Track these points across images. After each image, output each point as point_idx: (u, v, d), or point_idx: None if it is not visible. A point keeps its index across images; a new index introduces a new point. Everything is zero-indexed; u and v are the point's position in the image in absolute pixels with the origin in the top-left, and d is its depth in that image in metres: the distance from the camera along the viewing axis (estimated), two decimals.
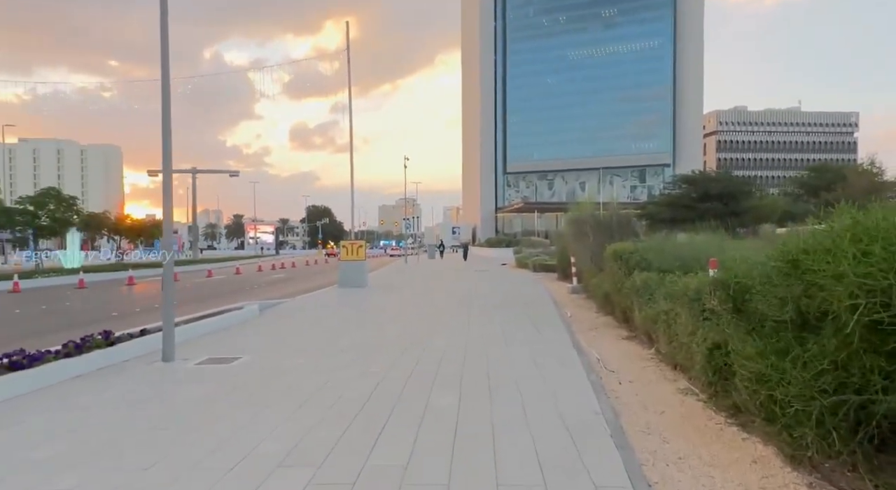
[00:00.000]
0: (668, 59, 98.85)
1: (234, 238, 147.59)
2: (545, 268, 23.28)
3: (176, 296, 17.26)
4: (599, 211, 11.62)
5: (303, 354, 6.60)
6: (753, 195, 40.70)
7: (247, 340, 7.71)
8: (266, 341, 7.63)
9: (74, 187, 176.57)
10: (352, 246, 17.54)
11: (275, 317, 10.18)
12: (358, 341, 7.42)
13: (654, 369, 5.67)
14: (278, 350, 6.93)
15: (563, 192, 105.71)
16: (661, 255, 7.82)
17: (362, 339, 7.61)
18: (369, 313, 10.47)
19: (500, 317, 9.50)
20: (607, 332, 8.15)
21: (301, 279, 24.72)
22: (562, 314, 9.90)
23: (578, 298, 12.66)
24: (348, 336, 7.87)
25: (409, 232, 42.54)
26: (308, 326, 8.92)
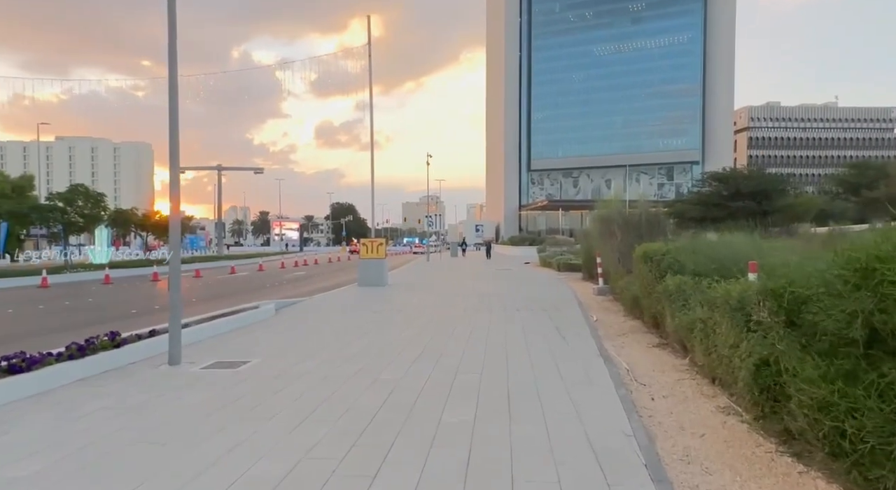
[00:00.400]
0: (697, 54, 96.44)
1: (259, 235, 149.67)
2: (570, 267, 22.71)
3: (195, 293, 17.34)
4: (627, 209, 11.06)
5: (314, 358, 6.30)
6: (788, 193, 39.25)
7: (258, 342, 7.46)
8: (277, 343, 7.37)
9: (107, 184, 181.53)
10: (371, 244, 17.28)
11: (290, 316, 9.94)
12: (372, 344, 7.09)
13: (689, 383, 5.19)
14: (289, 353, 6.65)
15: (588, 189, 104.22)
16: (695, 257, 7.30)
17: (377, 341, 7.28)
18: (386, 314, 10.15)
19: (522, 320, 9.08)
20: (636, 338, 7.66)
21: (322, 277, 24.62)
22: (587, 318, 9.43)
23: (605, 300, 12.14)
24: (363, 338, 7.56)
25: (431, 229, 42.26)
26: (322, 327, 8.64)
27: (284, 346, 7.17)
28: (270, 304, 10.59)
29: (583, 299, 12.31)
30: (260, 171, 42.64)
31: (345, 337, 7.75)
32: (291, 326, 8.83)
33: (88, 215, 25.09)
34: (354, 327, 8.59)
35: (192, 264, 27.38)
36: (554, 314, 9.77)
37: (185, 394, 4.92)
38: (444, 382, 5.12)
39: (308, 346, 7.10)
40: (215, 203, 46.35)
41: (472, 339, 7.38)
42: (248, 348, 7.01)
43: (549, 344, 6.99)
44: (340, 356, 6.42)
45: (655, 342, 7.29)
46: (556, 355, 6.29)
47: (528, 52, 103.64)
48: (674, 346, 6.69)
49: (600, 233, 11.25)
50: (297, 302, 12.15)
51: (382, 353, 6.51)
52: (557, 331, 8.01)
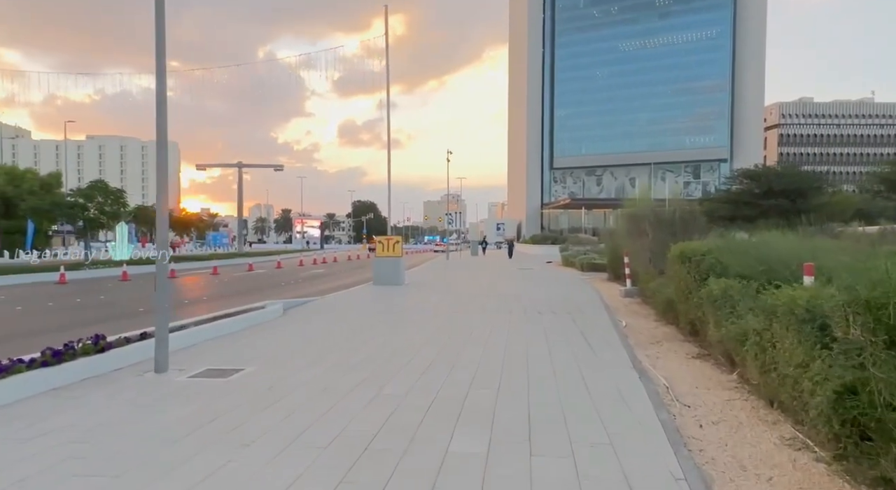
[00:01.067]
0: (726, 50, 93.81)
1: (282, 232, 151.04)
2: (593, 267, 21.85)
3: (208, 290, 17.00)
4: (660, 206, 10.23)
5: (314, 366, 5.72)
6: (824, 191, 37.59)
7: (258, 346, 6.92)
8: (279, 348, 6.81)
9: (136, 182, 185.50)
10: (388, 242, 16.72)
11: (297, 318, 9.41)
12: (380, 351, 6.48)
13: (741, 404, 4.45)
14: (289, 360, 6.08)
15: (611, 188, 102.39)
16: (739, 257, 6.52)
17: (386, 348, 6.67)
18: (399, 316, 9.55)
19: (545, 325, 8.38)
20: (672, 347, 6.90)
21: (339, 275, 24.19)
22: (615, 322, 8.68)
23: (633, 303, 11.35)
24: (371, 343, 6.95)
25: (451, 227, 41.61)
26: (329, 331, 8.07)
27: (285, 351, 6.61)
28: (278, 304, 10.08)
29: (609, 301, 11.54)
30: (280, 168, 42.53)
31: (352, 341, 7.16)
32: (297, 329, 8.28)
33: (109, 212, 25.09)
34: (364, 330, 8.00)
35: (209, 261, 27.23)
36: (578, 318, 9.04)
37: (163, 408, 4.37)
38: (455, 399, 4.47)
39: (311, 352, 6.52)
40: (238, 200, 46.49)
41: (489, 346, 6.71)
42: (246, 353, 6.46)
43: (574, 353, 6.29)
44: (344, 364, 5.82)
45: (694, 352, 6.53)
46: (582, 367, 5.59)
47: (552, 49, 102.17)
48: (717, 357, 5.93)
49: (629, 231, 10.46)
50: (308, 301, 11.63)
51: (390, 362, 5.89)
52: (583, 337, 7.30)
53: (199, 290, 17.29)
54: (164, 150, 5.86)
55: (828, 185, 39.06)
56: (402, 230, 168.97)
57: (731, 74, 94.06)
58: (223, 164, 45.16)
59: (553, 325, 8.36)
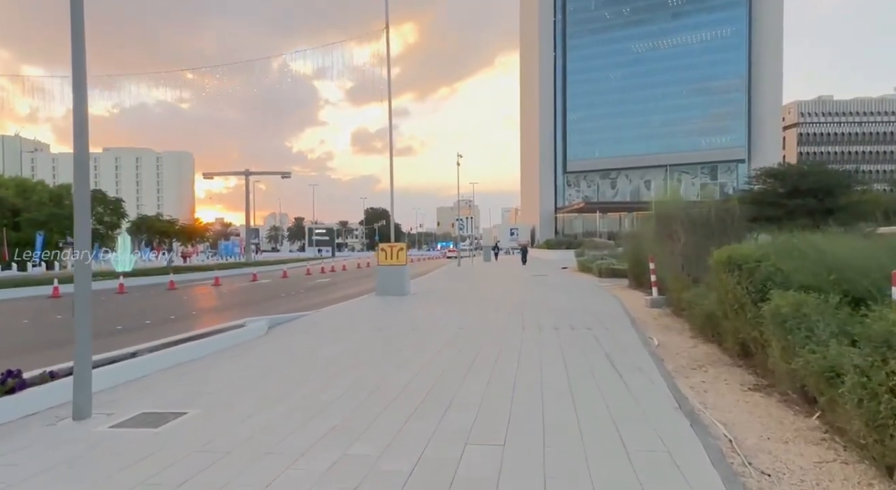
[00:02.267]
0: (742, 48, 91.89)
1: (295, 240, 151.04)
2: (613, 273, 20.55)
3: (199, 304, 15.97)
4: (693, 205, 8.92)
5: (273, 408, 4.57)
6: (853, 190, 35.78)
7: (218, 378, 5.79)
8: (240, 381, 5.67)
9: (151, 192, 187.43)
10: (391, 249, 15.60)
11: (279, 338, 8.29)
12: (363, 383, 5.32)
13: (841, 470, 3.21)
14: (245, 398, 4.93)
15: (626, 191, 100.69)
16: (803, 264, 5.28)
17: (370, 378, 5.50)
18: (396, 333, 8.38)
19: (563, 344, 7.16)
20: (720, 374, 5.65)
21: (344, 284, 23.16)
22: (645, 340, 7.43)
23: (662, 315, 10.07)
24: (354, 373, 5.79)
25: (462, 233, 40.40)
26: (310, 355, 6.93)
27: (246, 385, 5.46)
28: (261, 321, 8.98)
29: (634, 313, 10.27)
30: (287, 175, 41.76)
31: (330, 370, 6.00)
32: (272, 353, 7.16)
33: (107, 222, 24.37)
34: (350, 354, 6.85)
35: (211, 272, 26.35)
36: (602, 334, 7.81)
37: (55, 478, 3.25)
38: (444, 463, 3.29)
39: (276, 387, 5.37)
40: (245, 208, 45.84)
41: (496, 376, 5.51)
42: (198, 388, 5.34)
43: (600, 385, 5.06)
44: (313, 404, 4.67)
45: (750, 382, 5.28)
46: (613, 407, 4.37)
47: (563, 52, 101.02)
48: (786, 391, 4.67)
49: (657, 234, 9.20)
50: (299, 317, 10.52)
51: (371, 400, 4.72)
52: (609, 361, 6.07)
53: (191, 303, 16.31)
54: (80, 91, 4.72)
55: (856, 183, 37.21)
56: (414, 237, 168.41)
57: (748, 73, 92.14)
58: (230, 173, 44.57)
59: (572, 344, 7.13)
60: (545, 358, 6.25)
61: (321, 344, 7.62)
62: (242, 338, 7.91)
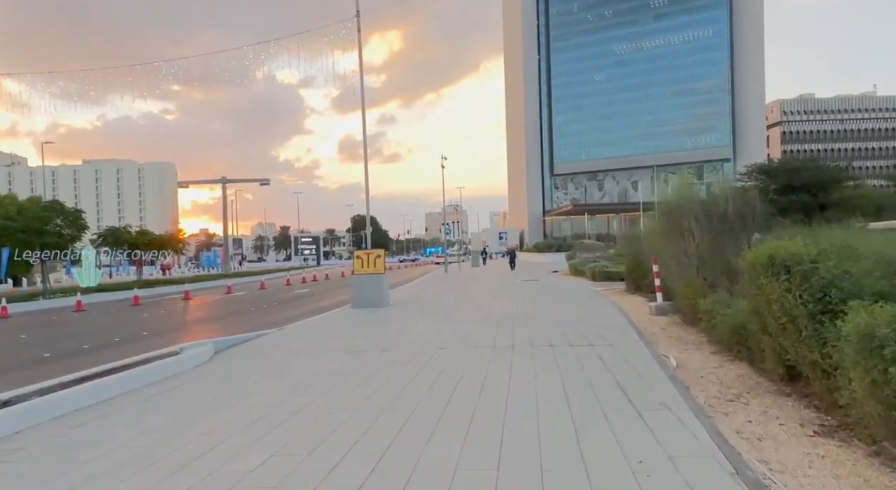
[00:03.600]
0: (724, 48, 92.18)
1: (281, 250, 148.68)
2: (607, 276, 19.38)
3: (152, 323, 14.37)
4: (711, 198, 7.64)
5: (166, 485, 3.22)
6: (845, 185, 35.09)
7: (104, 438, 4.40)
8: (135, 442, 4.28)
9: (133, 204, 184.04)
10: (367, 256, 14.25)
11: (217, 370, 6.90)
12: (296, 444, 3.97)
13: None
14: (130, 474, 3.56)
15: (614, 192, 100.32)
16: (879, 267, 4.06)
17: (307, 437, 4.15)
18: (360, 359, 7.03)
19: (562, 369, 5.86)
20: (767, 407, 4.38)
21: (323, 295, 21.76)
22: (659, 359, 6.17)
23: (670, 324, 8.82)
24: (290, 425, 4.43)
25: (449, 238, 39.09)
26: (243, 397, 5.53)
27: (141, 449, 4.06)
28: (205, 346, 7.59)
29: (640, 323, 9.02)
30: (266, 182, 40.26)
31: (264, 420, 4.63)
32: (200, 393, 5.77)
33: (67, 235, 22.77)
34: (299, 392, 5.48)
35: (181, 285, 24.77)
36: (607, 353, 6.53)
37: None
38: None
39: (180, 451, 3.97)
40: (223, 217, 44.21)
41: (477, 424, 4.18)
42: (70, 456, 3.95)
43: (618, 435, 3.75)
44: (217, 484, 3.31)
45: (811, 420, 4.02)
46: (642, 476, 3.06)
47: (548, 55, 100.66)
48: (872, 438, 3.41)
49: (666, 232, 7.96)
50: (257, 337, 9.13)
51: (295, 477, 3.37)
52: (623, 393, 4.78)
53: (148, 322, 14.81)
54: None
55: (849, 178, 36.51)
56: (402, 243, 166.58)
57: (731, 73, 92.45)
58: (207, 181, 43.00)
59: (574, 369, 5.84)
60: (542, 391, 4.93)
61: (268, 376, 6.25)
62: (174, 369, 6.51)
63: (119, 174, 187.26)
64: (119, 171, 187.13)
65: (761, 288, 4.77)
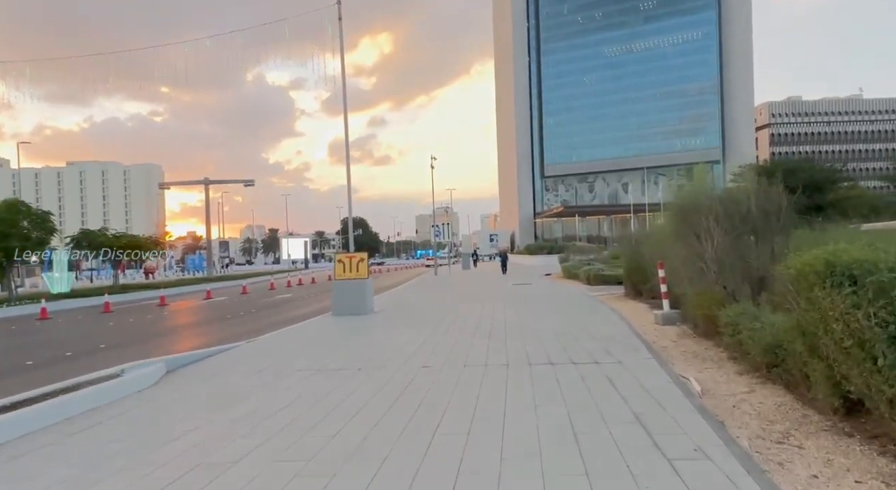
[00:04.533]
0: (713, 51, 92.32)
1: (269, 252, 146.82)
2: (603, 280, 18.58)
3: (114, 334, 13.28)
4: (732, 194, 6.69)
5: None
6: (840, 186, 34.68)
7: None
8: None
9: (118, 206, 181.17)
10: (349, 260, 13.29)
11: (163, 396, 5.91)
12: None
13: None
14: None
15: (604, 194, 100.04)
16: None
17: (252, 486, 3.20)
18: (330, 382, 6.08)
19: (566, 396, 4.94)
20: (828, 451, 3.49)
21: (305, 300, 20.74)
22: (678, 382, 5.27)
23: (680, 335, 7.94)
24: (220, 484, 3.49)
25: (439, 240, 38.16)
26: (175, 438, 4.57)
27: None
28: (154, 365, 6.60)
29: (646, 333, 8.14)
30: (251, 183, 39.11)
31: (195, 473, 3.67)
32: (127, 429, 4.79)
33: (34, 238, 21.55)
34: (249, 428, 4.52)
35: (156, 290, 23.62)
36: (616, 373, 5.62)
37: None
38: None
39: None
40: (206, 219, 42.94)
41: (465, 474, 3.25)
42: None
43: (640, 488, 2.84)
44: None
45: (888, 470, 3.13)
46: None
47: (538, 57, 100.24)
48: None
49: (677, 233, 7.07)
50: (221, 351, 8.13)
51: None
52: (645, 431, 3.87)
53: (111, 332, 13.74)
54: None
55: (843, 179, 36.13)
56: (393, 245, 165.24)
57: (720, 75, 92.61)
58: (189, 182, 41.72)
59: (580, 395, 4.92)
60: (546, 431, 4.00)
61: (216, 407, 5.27)
62: (108, 397, 5.51)
63: (104, 176, 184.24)
64: (104, 172, 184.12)
65: (814, 302, 3.88)
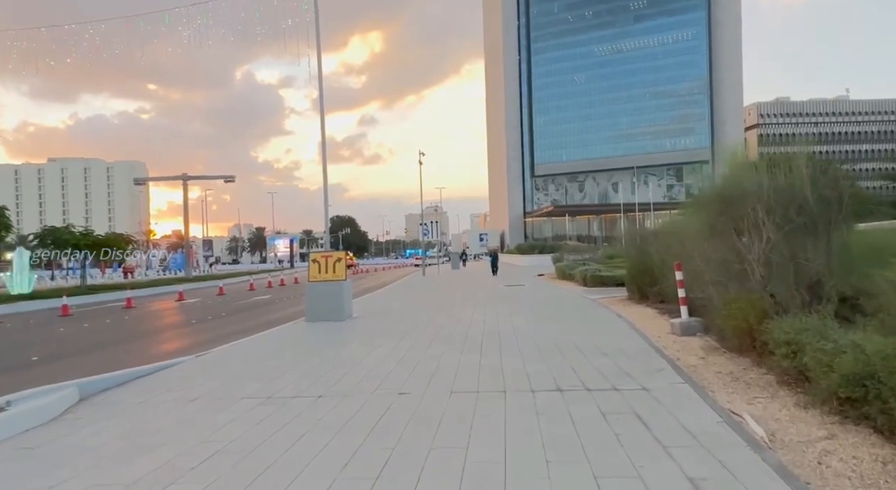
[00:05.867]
0: (702, 51, 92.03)
1: (256, 251, 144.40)
2: (601, 281, 17.40)
3: (58, 343, 11.58)
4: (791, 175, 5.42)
5: None
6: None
7: None
8: None
9: (101, 204, 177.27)
10: (326, 259, 11.92)
11: (43, 440, 4.54)
12: None
13: None
14: None
15: (594, 193, 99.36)
16: None
17: None
18: (281, 412, 4.75)
19: (586, 443, 3.66)
20: None
21: (283, 303, 19.31)
22: (733, 423, 4.02)
23: (707, 349, 6.71)
24: None
25: (426, 238, 36.81)
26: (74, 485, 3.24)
27: None
28: (61, 392, 5.22)
29: (665, 346, 6.90)
30: (231, 179, 37.50)
31: None
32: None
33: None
34: (164, 482, 3.19)
35: (126, 292, 22.07)
36: (646, 407, 4.36)
37: None
38: None
39: None
40: (184, 216, 41.24)
41: None
42: None
43: None
44: None
45: None
46: None
47: (528, 56, 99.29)
48: None
49: (712, 229, 5.77)
50: (156, 370, 6.77)
51: None
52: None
53: (53, 341, 12.25)
54: None
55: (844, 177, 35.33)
56: (382, 244, 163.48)
57: (710, 75, 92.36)
58: (167, 178, 40.03)
59: (603, 443, 3.64)
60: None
61: (114, 461, 3.91)
62: None
63: (87, 173, 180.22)
64: (87, 169, 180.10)
65: None
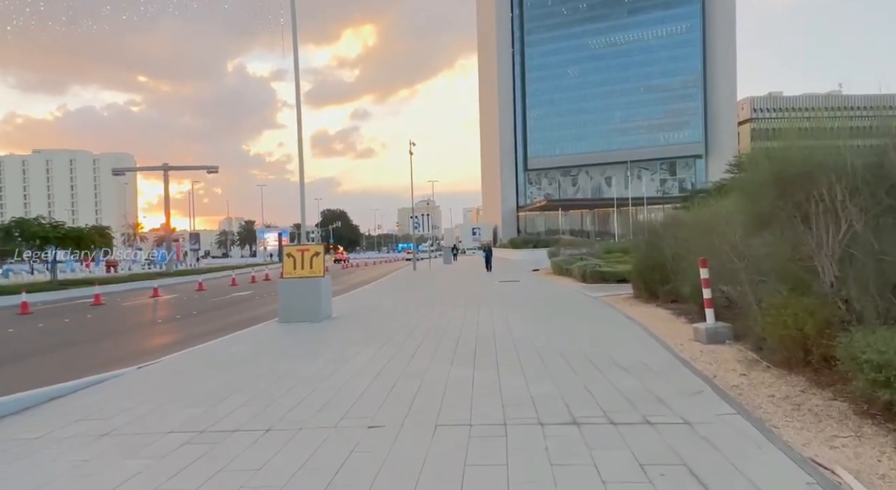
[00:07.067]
0: (697, 45, 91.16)
1: (245, 245, 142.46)
2: (600, 277, 16.37)
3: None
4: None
5: None
6: None
7: None
8: None
9: (88, 197, 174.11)
10: (301, 255, 10.75)
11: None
12: None
13: None
14: None
15: (587, 188, 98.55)
16: None
17: None
18: (210, 456, 3.60)
19: None
20: None
21: (261, 300, 18.11)
22: (815, 472, 2.92)
23: (746, 364, 5.62)
24: None
25: (417, 232, 35.62)
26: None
27: None
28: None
29: (693, 358, 5.82)
30: (214, 169, 36.08)
31: None
32: None
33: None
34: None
35: (90, 287, 20.77)
36: (694, 451, 3.25)
37: None
38: None
39: None
40: (165, 208, 39.77)
41: None
42: None
43: None
44: None
45: None
46: None
47: (521, 48, 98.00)
48: None
49: (761, 218, 4.63)
50: (76, 390, 5.58)
51: None
52: None
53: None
54: None
55: None
56: (374, 239, 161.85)
57: (703, 69, 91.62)
58: (147, 168, 38.55)
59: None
60: None
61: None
62: None
63: (72, 165, 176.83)
64: (72, 161, 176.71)
65: None
